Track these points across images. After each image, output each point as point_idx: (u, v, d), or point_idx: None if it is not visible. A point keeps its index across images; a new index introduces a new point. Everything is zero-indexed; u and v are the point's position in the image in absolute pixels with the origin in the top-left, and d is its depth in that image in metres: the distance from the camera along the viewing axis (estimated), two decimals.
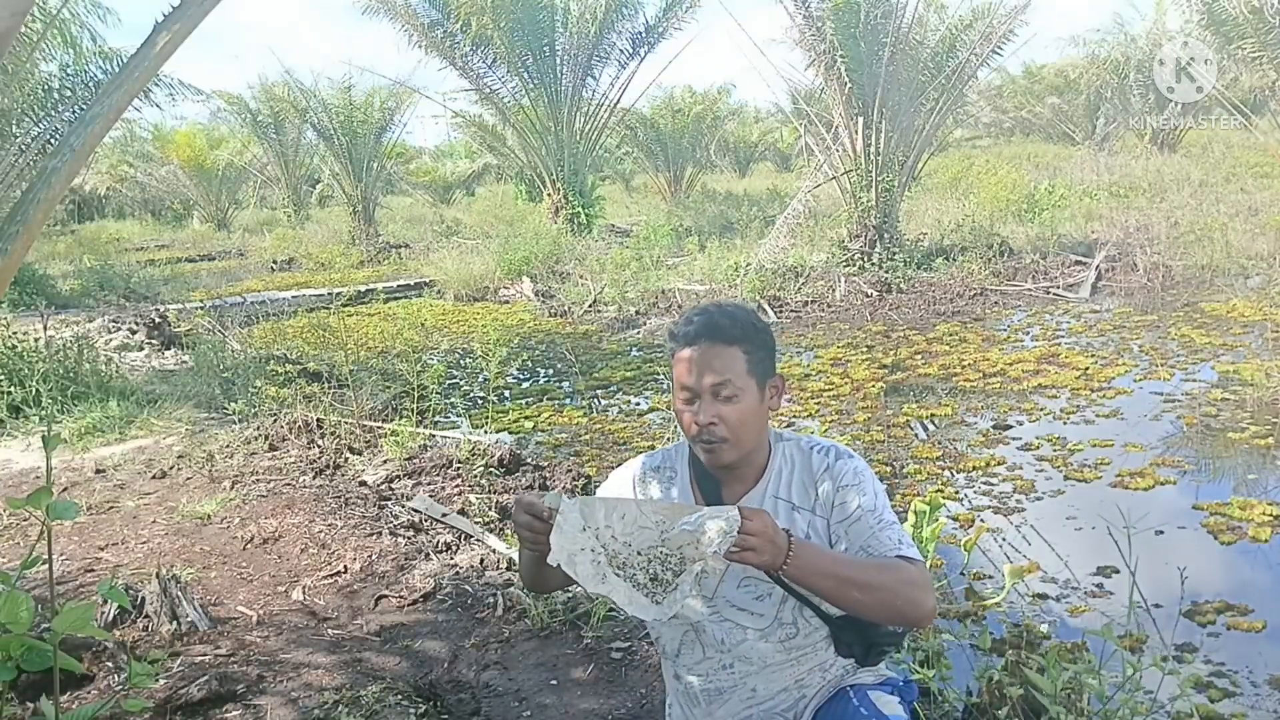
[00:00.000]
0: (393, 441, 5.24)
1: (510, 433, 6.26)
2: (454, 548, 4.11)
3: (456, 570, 3.82)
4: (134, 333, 9.58)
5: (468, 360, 8.71)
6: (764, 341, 1.71)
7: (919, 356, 7.64)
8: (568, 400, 7.28)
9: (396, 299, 12.69)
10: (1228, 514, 4.16)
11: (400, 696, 2.79)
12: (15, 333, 7.28)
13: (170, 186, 30.51)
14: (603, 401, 7.16)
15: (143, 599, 3.28)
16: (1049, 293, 10.02)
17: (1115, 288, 10.02)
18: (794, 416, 6.25)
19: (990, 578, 3.72)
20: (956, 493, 4.69)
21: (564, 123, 16.21)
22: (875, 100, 11.14)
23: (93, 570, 3.89)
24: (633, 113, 21.77)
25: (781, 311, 10.02)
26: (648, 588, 1.51)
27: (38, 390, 6.40)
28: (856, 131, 11.49)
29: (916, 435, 5.75)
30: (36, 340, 7.19)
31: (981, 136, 34.67)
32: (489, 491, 4.71)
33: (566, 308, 11.29)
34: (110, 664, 2.90)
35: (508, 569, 3.84)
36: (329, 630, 3.33)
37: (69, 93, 10.26)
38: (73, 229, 28.02)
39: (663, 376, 7.56)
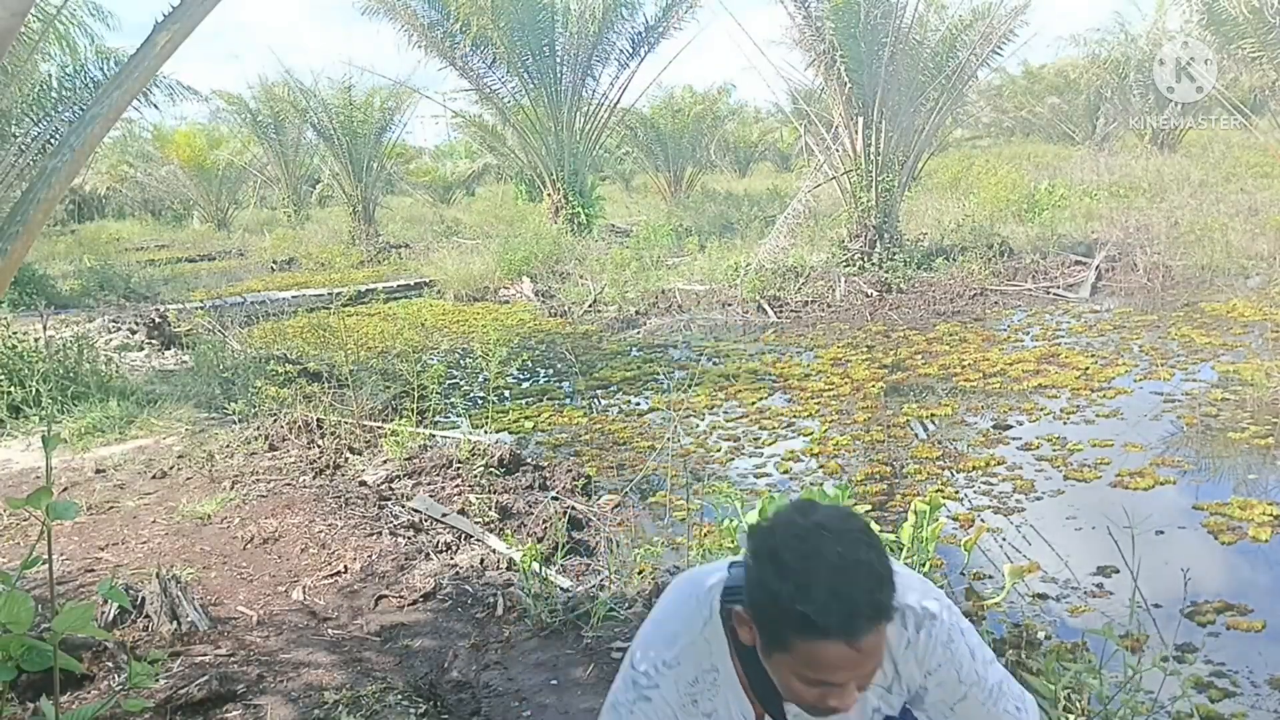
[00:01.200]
0: (393, 441, 5.24)
1: (510, 433, 6.26)
2: (454, 548, 4.11)
3: (456, 570, 3.82)
4: (134, 333, 9.57)
5: (468, 360, 8.71)
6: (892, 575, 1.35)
7: (919, 356, 7.64)
8: (568, 400, 7.28)
9: (396, 299, 12.69)
10: (1228, 514, 4.16)
11: (400, 696, 2.79)
12: (15, 333, 7.28)
13: (170, 186, 30.49)
14: (603, 401, 7.16)
15: (143, 599, 3.28)
16: (1049, 293, 10.02)
17: (1115, 288, 10.02)
18: (794, 416, 6.25)
19: (990, 578, 3.72)
20: (956, 493, 4.69)
21: (564, 123, 16.20)
22: (875, 100, 11.14)
23: (93, 570, 3.89)
24: (633, 113, 21.76)
25: (781, 311, 10.02)
26: None
27: (38, 390, 6.39)
28: (856, 131, 11.49)
29: (916, 435, 5.75)
30: (36, 340, 7.19)
31: (981, 136, 34.65)
32: (489, 491, 4.71)
33: (566, 308, 11.29)
34: (110, 664, 2.90)
35: (508, 569, 3.84)
36: (329, 630, 3.33)
37: (69, 93, 10.26)
38: (73, 229, 28.01)
39: (662, 376, 7.56)
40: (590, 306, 11.15)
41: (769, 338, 9.13)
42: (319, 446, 5.53)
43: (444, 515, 4.44)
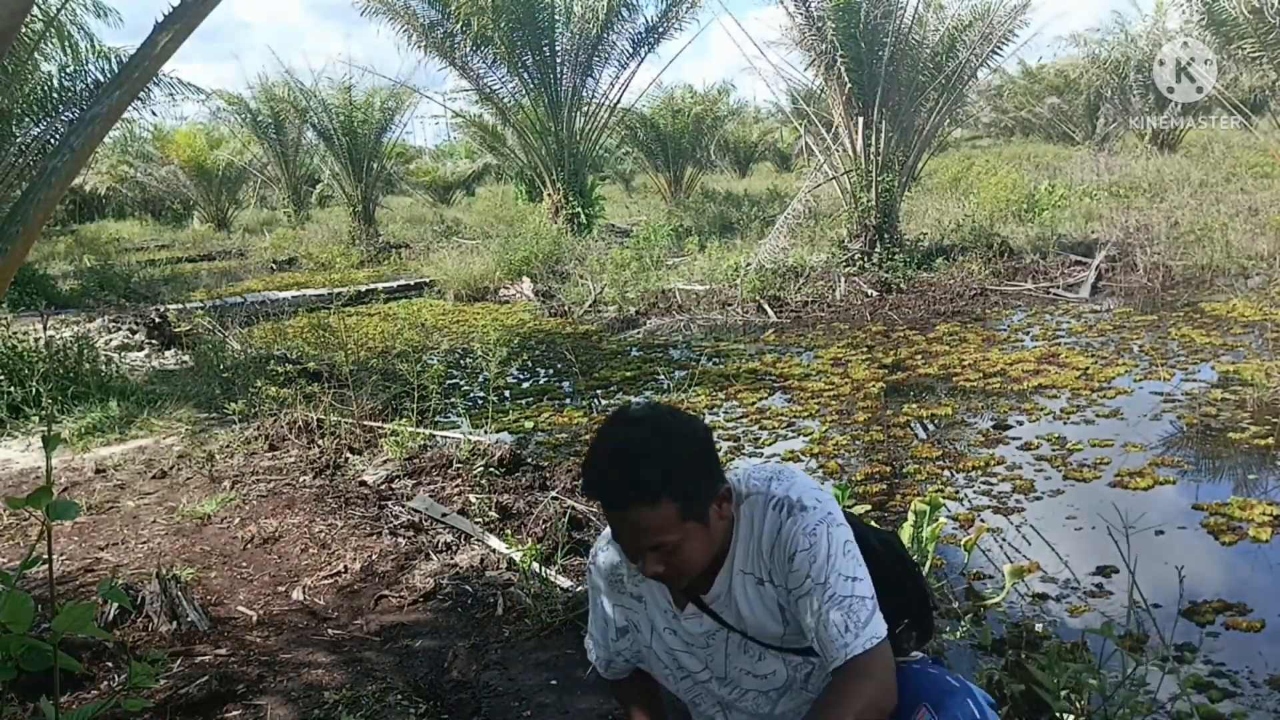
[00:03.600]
0: (393, 441, 5.24)
1: (510, 433, 6.26)
2: (454, 548, 4.10)
3: (457, 570, 3.82)
4: (134, 333, 9.58)
5: (468, 360, 8.71)
6: (697, 470, 1.53)
7: (919, 356, 7.64)
8: (568, 400, 7.28)
9: (396, 299, 12.70)
10: (1228, 514, 4.16)
11: (400, 696, 2.79)
12: (15, 333, 7.28)
13: (170, 186, 30.50)
14: (603, 401, 7.16)
15: (143, 599, 3.28)
16: (1049, 293, 10.02)
17: (1115, 288, 10.02)
18: (795, 416, 6.25)
19: (990, 578, 3.72)
20: (956, 493, 4.69)
21: (564, 123, 16.21)
22: (875, 100, 11.14)
23: (93, 570, 3.89)
24: (633, 113, 21.78)
25: (781, 311, 10.02)
26: None
27: (38, 390, 6.39)
28: (856, 131, 11.49)
29: (916, 435, 5.75)
30: (36, 340, 7.19)
31: (981, 136, 34.68)
32: (489, 491, 4.71)
33: (566, 308, 11.29)
34: (110, 664, 2.90)
35: (508, 569, 3.84)
36: (329, 630, 3.33)
37: (69, 93, 10.26)
38: (73, 229, 28.01)
39: (662, 376, 7.57)
40: (590, 306, 11.15)
41: (769, 338, 9.13)
42: (319, 446, 5.53)
43: (444, 515, 4.44)
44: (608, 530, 1.70)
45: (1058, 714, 2.29)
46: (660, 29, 16.45)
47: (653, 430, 1.52)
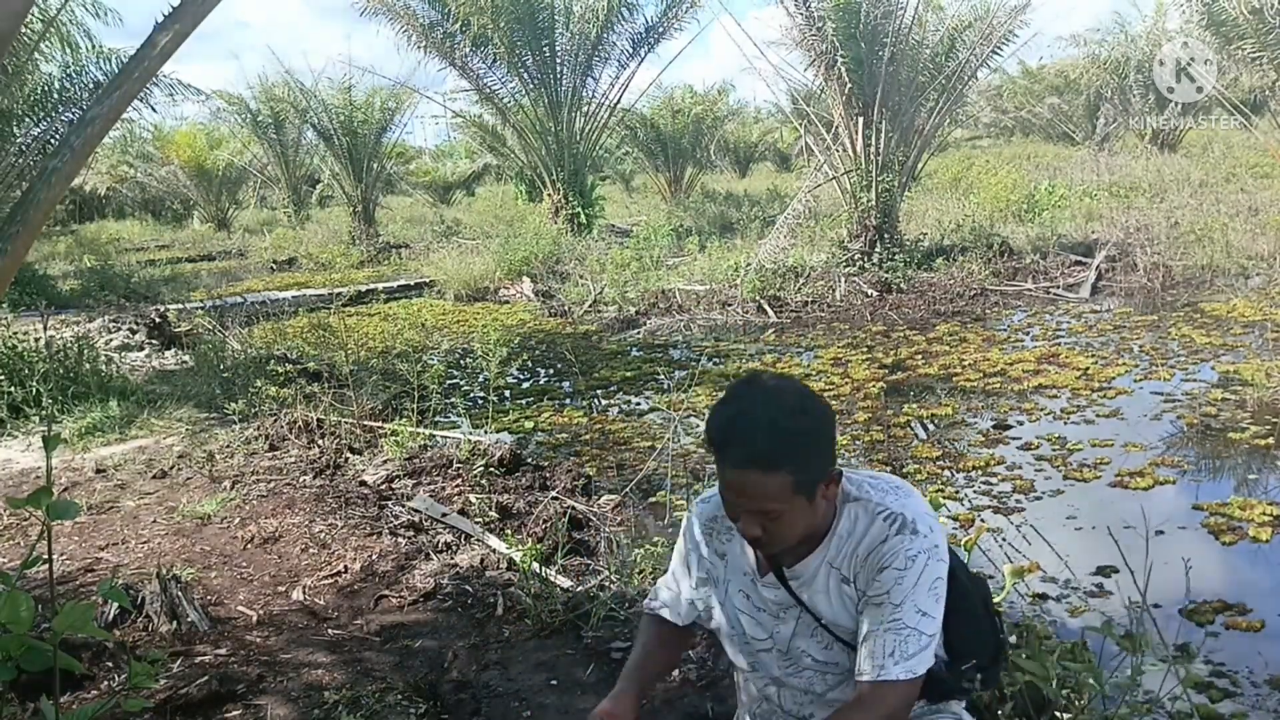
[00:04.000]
0: (393, 441, 5.24)
1: (510, 433, 6.26)
2: (454, 548, 4.10)
3: (457, 570, 3.82)
4: (134, 333, 9.57)
5: (468, 360, 8.71)
6: (816, 448, 1.57)
7: (919, 356, 7.64)
8: (568, 400, 7.28)
9: (396, 299, 12.69)
10: (1228, 514, 4.16)
11: (400, 696, 2.79)
12: (15, 333, 7.28)
13: (170, 186, 30.49)
14: (603, 401, 7.16)
15: (143, 599, 3.28)
16: (1049, 293, 10.02)
17: (1115, 288, 10.02)
18: None
19: (990, 578, 3.71)
20: (956, 493, 4.69)
21: (564, 123, 16.20)
22: (875, 100, 11.14)
23: (93, 570, 3.89)
24: (633, 113, 21.77)
25: (781, 311, 10.02)
26: None
27: (38, 390, 6.40)
28: (856, 131, 11.49)
29: (916, 435, 5.75)
30: (36, 340, 7.19)
31: (981, 136, 34.68)
32: (489, 491, 4.71)
33: (566, 308, 11.29)
34: (110, 664, 2.90)
35: (508, 569, 3.84)
36: (329, 630, 3.33)
37: (69, 93, 10.27)
38: (73, 229, 28.03)
39: (662, 376, 7.57)
40: (590, 306, 11.15)
41: (769, 338, 9.13)
42: (319, 446, 5.53)
43: (444, 515, 4.44)
44: (709, 489, 1.78)
45: (1058, 713, 2.29)
46: (660, 29, 16.44)
47: (784, 400, 1.56)
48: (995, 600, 3.29)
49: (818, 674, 1.75)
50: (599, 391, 7.44)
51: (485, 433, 5.68)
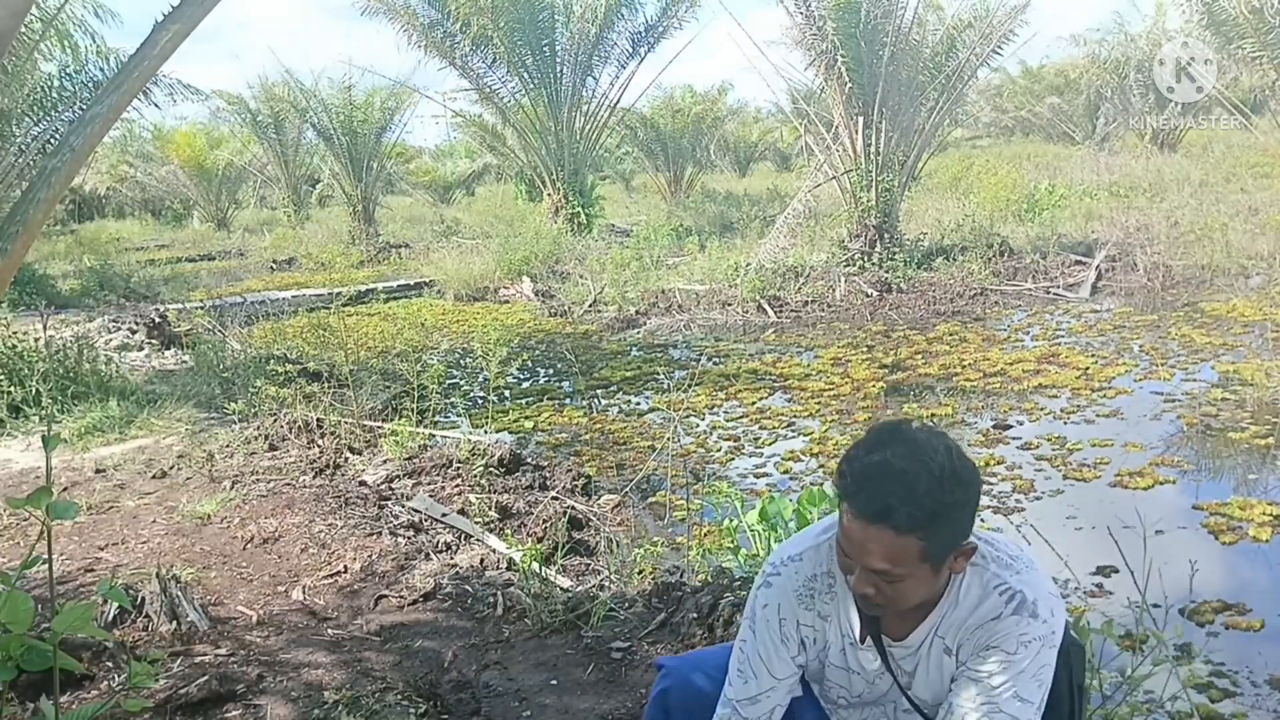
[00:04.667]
0: (393, 441, 5.24)
1: (510, 433, 6.27)
2: (454, 548, 4.10)
3: (456, 570, 3.82)
4: (134, 333, 9.57)
5: (468, 360, 8.71)
6: (956, 518, 1.45)
7: (919, 356, 7.64)
8: (568, 400, 7.28)
9: (396, 299, 12.68)
10: (1228, 514, 4.16)
11: (400, 696, 2.79)
12: (15, 333, 7.27)
13: (170, 186, 30.49)
14: (603, 401, 7.16)
15: (143, 599, 3.28)
16: (1049, 293, 10.02)
17: (1115, 288, 10.02)
18: (794, 416, 6.25)
19: None
20: None
21: (564, 123, 16.20)
22: (875, 100, 11.14)
23: (93, 570, 3.89)
24: (633, 113, 21.75)
25: (781, 311, 10.02)
26: None
27: (38, 390, 6.39)
28: (856, 131, 11.49)
29: None
30: (36, 340, 7.18)
31: (981, 136, 34.67)
32: (489, 491, 4.71)
33: (566, 308, 11.29)
34: (110, 664, 2.90)
35: (508, 569, 3.84)
36: (329, 630, 3.33)
37: (69, 93, 10.26)
38: (73, 229, 27.98)
39: (662, 376, 7.57)
40: (590, 306, 11.15)
41: (769, 338, 9.13)
42: (319, 446, 5.53)
43: (444, 515, 4.44)
44: (796, 542, 1.68)
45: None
46: (660, 28, 16.45)
47: (932, 464, 1.43)
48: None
49: None
50: (599, 391, 7.44)
51: (485, 433, 5.68)
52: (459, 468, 5.01)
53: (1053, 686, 1.62)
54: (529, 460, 5.36)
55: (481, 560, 3.92)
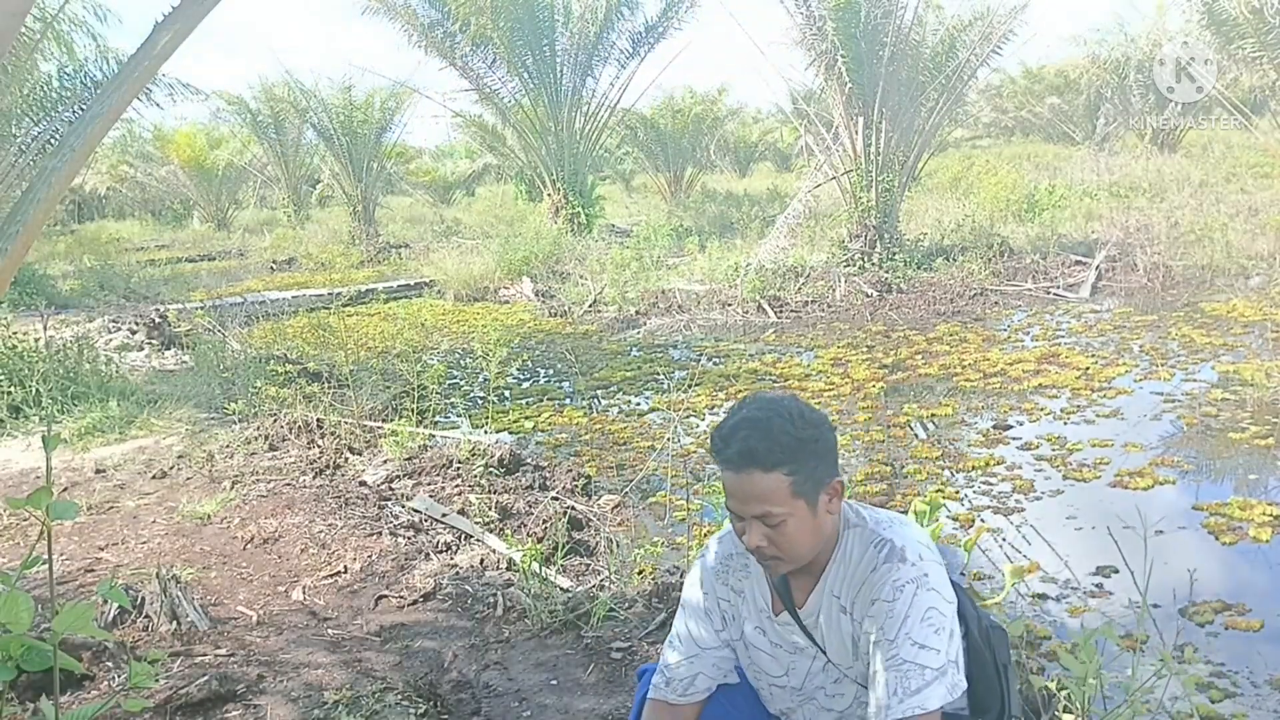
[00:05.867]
0: (393, 441, 5.24)
1: (510, 433, 6.26)
2: (454, 548, 4.11)
3: (456, 570, 3.82)
4: (134, 333, 9.57)
5: (468, 360, 8.71)
6: (814, 452, 1.59)
7: (919, 356, 7.64)
8: (568, 400, 7.28)
9: (396, 299, 12.69)
10: (1228, 514, 4.16)
11: (400, 696, 2.79)
12: (15, 333, 7.28)
13: (170, 186, 30.48)
14: (603, 401, 7.16)
15: (143, 599, 3.28)
16: (1049, 293, 10.02)
17: (1115, 288, 10.03)
18: None
19: (990, 578, 3.72)
20: (956, 493, 4.69)
21: (564, 123, 16.20)
22: (875, 100, 11.14)
23: (93, 570, 3.89)
24: (633, 113, 21.75)
25: (781, 311, 10.02)
26: None
27: (38, 390, 6.39)
28: (856, 131, 11.49)
29: (916, 435, 5.75)
30: (36, 340, 7.19)
31: (981, 136, 34.65)
32: (489, 491, 4.71)
33: (566, 308, 11.28)
34: (110, 664, 2.90)
35: (508, 569, 3.84)
36: (329, 630, 3.33)
37: (69, 93, 10.25)
38: (73, 229, 27.99)
39: (662, 376, 7.57)
40: (590, 306, 11.15)
41: (769, 338, 9.13)
42: (319, 446, 5.53)
43: (444, 515, 4.44)
44: (726, 526, 1.81)
45: (1058, 713, 2.29)
46: (660, 28, 16.44)
47: (781, 410, 1.61)
48: (997, 601, 3.30)
49: (825, 709, 1.79)
50: (599, 391, 7.44)
51: (485, 433, 5.68)
52: (459, 468, 5.01)
53: (979, 667, 1.73)
54: (529, 460, 5.36)
55: (481, 560, 3.92)
